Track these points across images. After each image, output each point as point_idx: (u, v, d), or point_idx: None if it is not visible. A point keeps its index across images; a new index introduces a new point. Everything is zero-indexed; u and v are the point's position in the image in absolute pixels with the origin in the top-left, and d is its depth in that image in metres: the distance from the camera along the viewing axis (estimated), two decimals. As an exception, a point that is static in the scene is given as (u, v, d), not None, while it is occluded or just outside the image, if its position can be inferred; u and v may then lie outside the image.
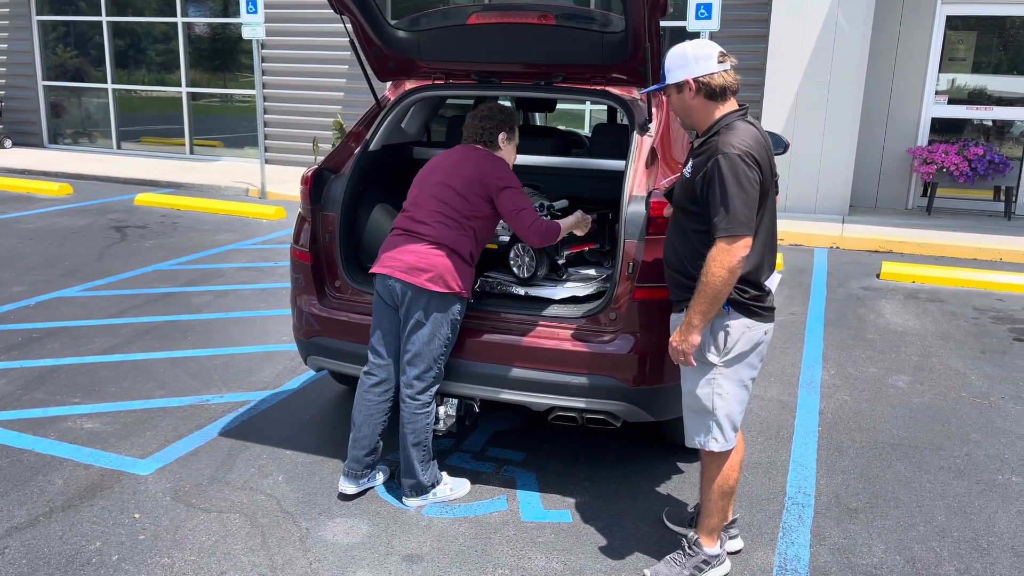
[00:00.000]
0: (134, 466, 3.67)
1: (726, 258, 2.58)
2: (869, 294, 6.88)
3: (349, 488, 3.43)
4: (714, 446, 2.86)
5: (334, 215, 3.76)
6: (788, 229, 8.80)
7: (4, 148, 14.00)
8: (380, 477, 3.56)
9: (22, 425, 4.03)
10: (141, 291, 6.35)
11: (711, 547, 2.95)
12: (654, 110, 3.61)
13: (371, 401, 3.40)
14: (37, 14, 14.05)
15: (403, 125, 4.31)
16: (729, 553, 3.09)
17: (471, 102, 5.20)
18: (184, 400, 4.38)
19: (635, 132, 3.53)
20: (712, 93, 2.71)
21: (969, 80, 10.06)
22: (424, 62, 3.95)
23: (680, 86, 2.74)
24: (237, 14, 12.38)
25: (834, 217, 9.56)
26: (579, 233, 3.64)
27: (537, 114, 6.60)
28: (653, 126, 3.58)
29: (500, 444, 3.99)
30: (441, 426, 3.46)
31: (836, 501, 3.55)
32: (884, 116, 10.22)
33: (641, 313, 3.28)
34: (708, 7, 8.87)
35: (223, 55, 13.33)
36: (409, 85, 4.04)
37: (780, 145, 5.88)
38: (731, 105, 2.77)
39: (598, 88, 3.73)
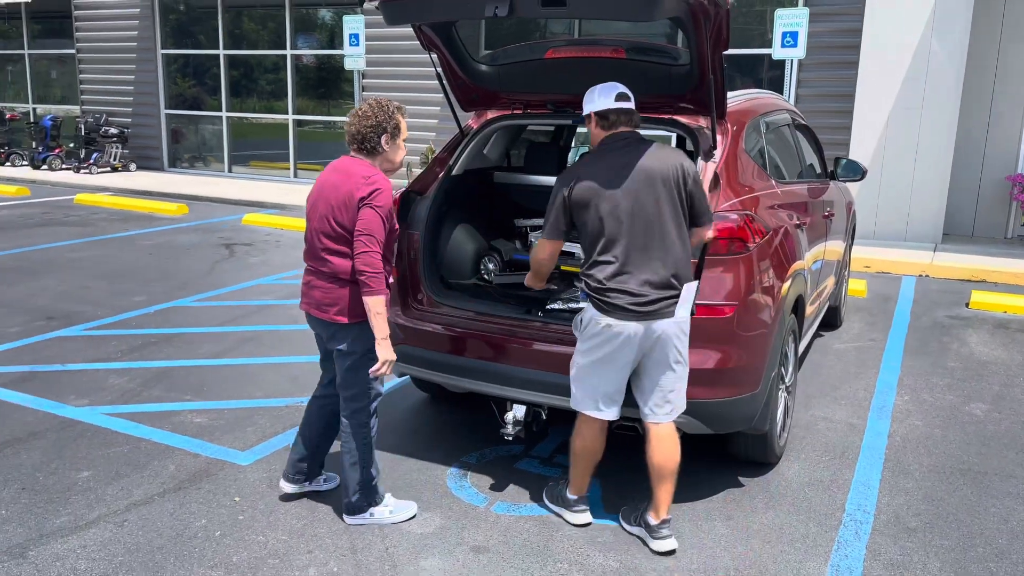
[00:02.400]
0: (236, 457, 4.07)
1: (533, 253, 3.52)
2: (955, 323, 6.77)
3: (286, 487, 3.65)
4: (572, 404, 3.45)
5: (418, 234, 4.09)
6: (874, 256, 8.70)
7: (129, 171, 15.19)
8: (326, 484, 3.73)
9: (141, 417, 4.51)
10: (246, 303, 6.89)
11: (571, 493, 3.53)
12: (719, 137, 3.80)
13: (309, 412, 3.61)
14: (162, 47, 15.25)
15: (485, 151, 4.63)
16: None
17: (549, 129, 5.49)
18: (281, 401, 4.79)
19: (699, 158, 3.73)
20: (604, 125, 3.34)
21: (1074, 105, 9.70)
22: (505, 93, 4.26)
23: (587, 118, 3.40)
24: (341, 46, 13.14)
25: (926, 245, 9.37)
26: None
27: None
28: (718, 153, 3.77)
29: (568, 452, 4.20)
30: (509, 429, 3.71)
31: (896, 520, 3.61)
32: (982, 142, 9.97)
33: (701, 329, 3.46)
34: (794, 35, 8.95)
35: (326, 84, 14.13)
36: (491, 115, 4.35)
37: (858, 172, 5.94)
38: (619, 132, 3.32)
39: (666, 117, 3.95)
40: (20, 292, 7.08)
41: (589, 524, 3.51)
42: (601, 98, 3.31)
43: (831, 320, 6.42)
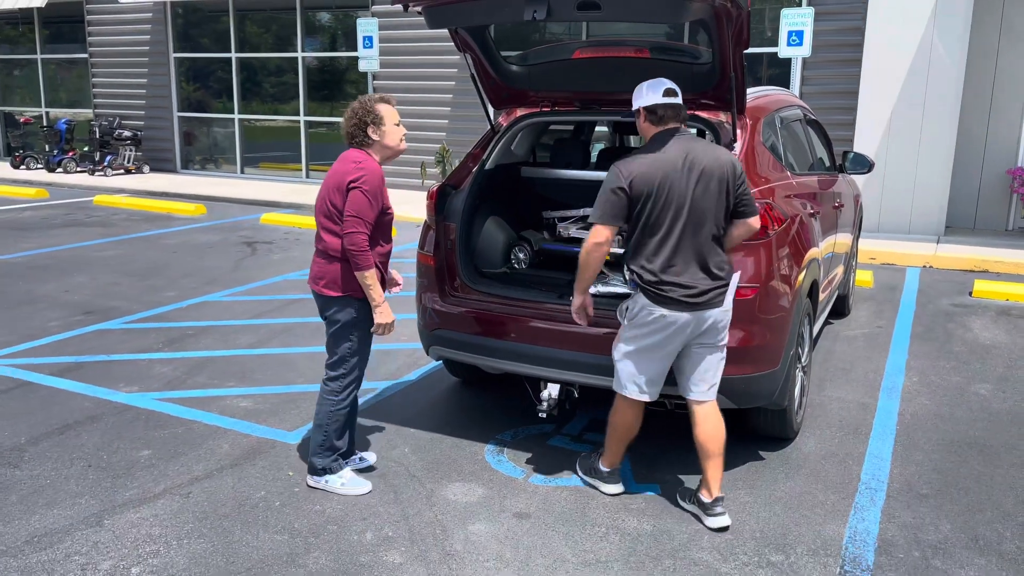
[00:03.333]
0: (284, 436, 4.32)
1: (587, 239, 3.43)
2: (959, 310, 7.01)
3: None
4: (615, 387, 3.61)
5: (454, 225, 4.34)
6: (880, 248, 8.95)
7: (143, 173, 15.45)
8: (361, 464, 3.93)
9: (190, 402, 4.76)
10: (275, 297, 7.14)
11: (605, 466, 3.75)
12: (739, 131, 4.04)
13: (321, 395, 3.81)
14: (174, 51, 15.50)
15: (513, 147, 4.87)
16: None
17: (570, 127, 5.74)
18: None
19: (721, 151, 3.97)
20: (653, 119, 3.49)
21: (1072, 100, 9.95)
22: (534, 92, 4.51)
23: (636, 112, 3.54)
24: (347, 48, 13.38)
25: (929, 237, 9.62)
26: None
27: (632, 137, 7.07)
28: (738, 146, 4.02)
29: (597, 430, 4.45)
30: (544, 407, 3.95)
31: (908, 488, 3.86)
32: (983, 137, 10.22)
33: (725, 310, 3.70)
34: (799, 34, 9.19)
35: (338, 86, 14.37)
36: (520, 112, 4.60)
37: (865, 165, 6.20)
38: (669, 128, 3.47)
39: (688, 112, 4.18)
40: (54, 289, 7.32)
41: (622, 493, 3.75)
42: (650, 93, 3.45)
43: (840, 308, 6.66)
